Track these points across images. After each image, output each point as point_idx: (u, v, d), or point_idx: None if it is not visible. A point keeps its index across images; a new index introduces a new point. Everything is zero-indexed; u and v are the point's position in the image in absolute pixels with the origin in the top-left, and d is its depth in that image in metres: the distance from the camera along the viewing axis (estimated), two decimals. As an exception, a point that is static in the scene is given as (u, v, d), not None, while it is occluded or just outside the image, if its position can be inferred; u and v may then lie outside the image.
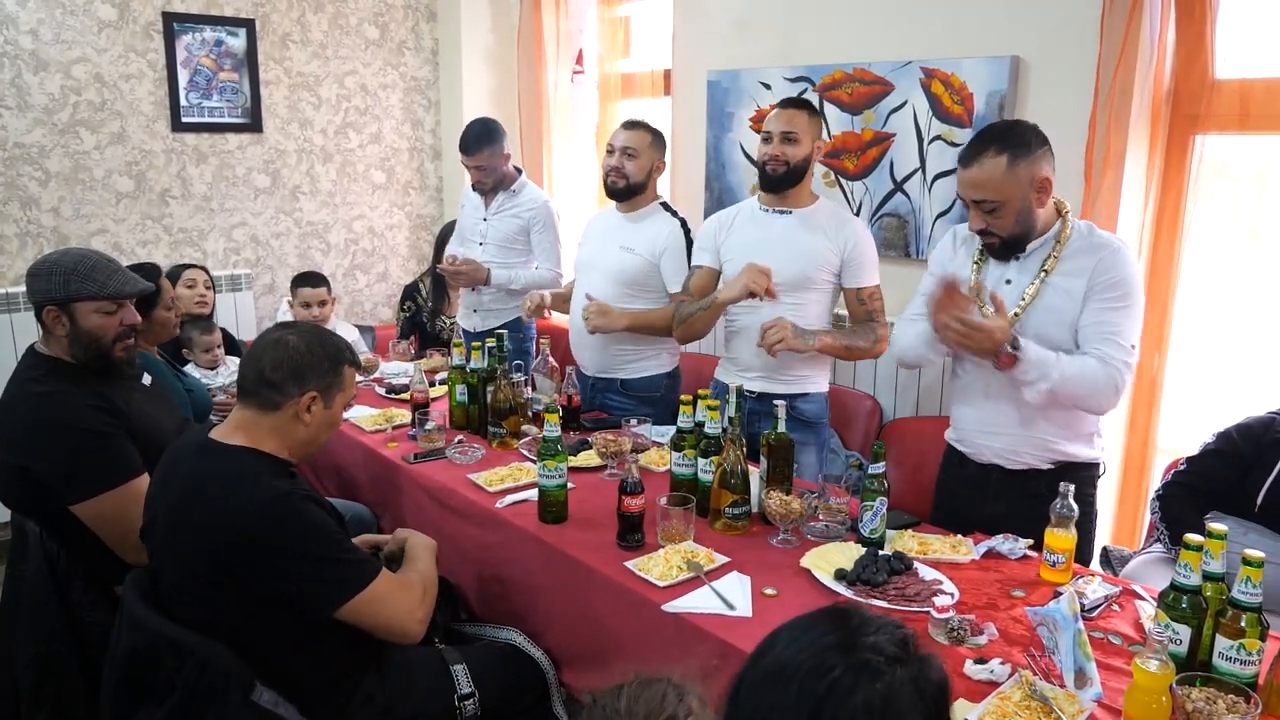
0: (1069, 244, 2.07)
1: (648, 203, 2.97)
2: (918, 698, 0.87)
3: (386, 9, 4.66)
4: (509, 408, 2.68)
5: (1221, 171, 2.65)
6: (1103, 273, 2.02)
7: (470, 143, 3.42)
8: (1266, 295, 2.63)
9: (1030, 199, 2.02)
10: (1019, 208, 2.02)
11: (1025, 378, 2.01)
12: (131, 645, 1.70)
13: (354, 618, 1.73)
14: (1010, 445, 2.17)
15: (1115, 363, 1.99)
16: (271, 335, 1.82)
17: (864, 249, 2.59)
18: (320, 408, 1.80)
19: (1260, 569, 1.43)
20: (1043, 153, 2.02)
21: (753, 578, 1.87)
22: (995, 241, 2.09)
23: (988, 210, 2.03)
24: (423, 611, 1.83)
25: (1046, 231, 2.09)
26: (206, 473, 1.71)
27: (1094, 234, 2.09)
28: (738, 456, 2.08)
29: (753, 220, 2.66)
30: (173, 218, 4.21)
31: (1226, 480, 2.20)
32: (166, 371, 2.81)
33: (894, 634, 0.92)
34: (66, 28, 3.83)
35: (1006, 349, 1.98)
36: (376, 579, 1.74)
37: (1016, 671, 1.53)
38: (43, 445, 2.06)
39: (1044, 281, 2.07)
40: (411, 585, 1.84)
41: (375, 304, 4.93)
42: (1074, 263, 2.05)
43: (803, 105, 2.58)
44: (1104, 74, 2.61)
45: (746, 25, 3.64)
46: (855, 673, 0.87)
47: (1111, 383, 2.00)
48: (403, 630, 1.79)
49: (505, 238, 3.51)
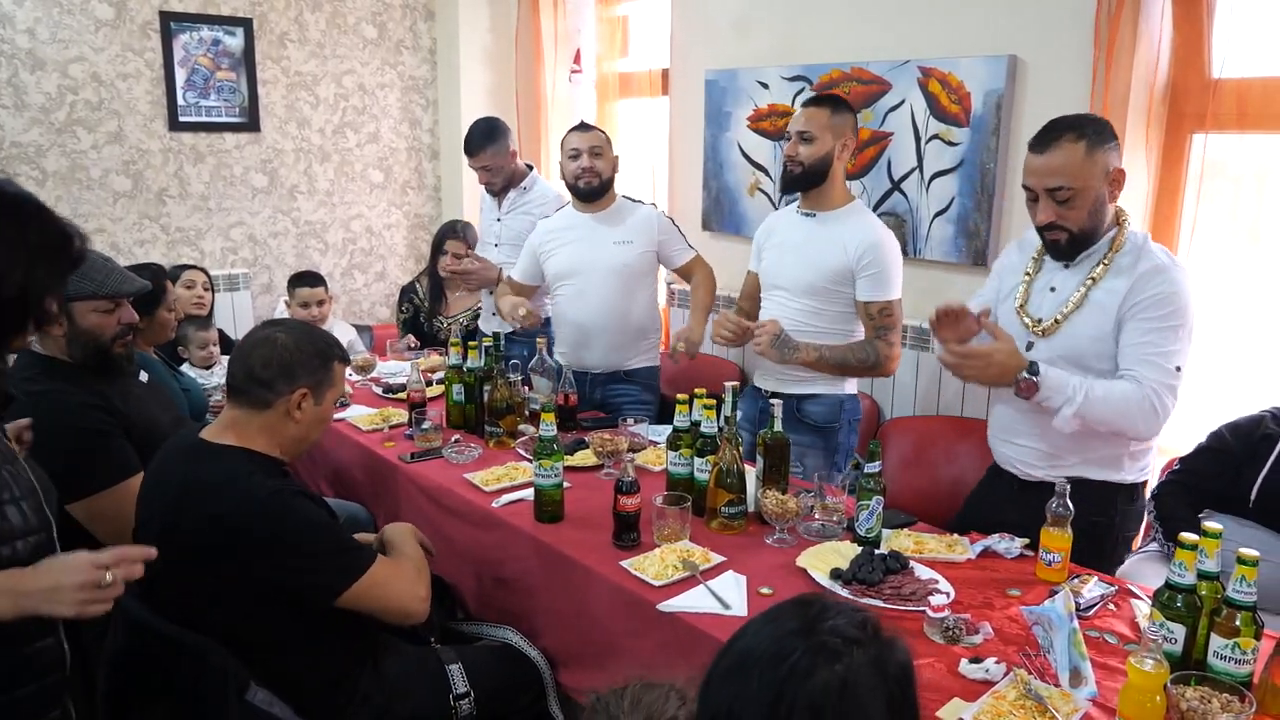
0: (1120, 254, 1.98)
1: (613, 200, 3.03)
2: (879, 678, 0.87)
3: (384, 8, 4.66)
4: (506, 407, 2.67)
5: (1221, 171, 2.65)
6: (1145, 290, 1.91)
7: (472, 144, 3.41)
8: (1266, 295, 2.63)
9: (1104, 191, 1.93)
10: (1094, 198, 1.92)
11: (1049, 404, 1.93)
12: (127, 645, 1.70)
13: (357, 603, 1.74)
14: (1020, 455, 2.13)
15: (1152, 384, 1.89)
16: (260, 333, 1.82)
17: (879, 261, 2.48)
18: (311, 404, 1.80)
19: (1255, 568, 1.43)
20: (1116, 144, 1.95)
21: (748, 577, 1.87)
22: (1063, 237, 1.97)
23: (1062, 200, 1.92)
24: (423, 589, 1.85)
25: (1103, 237, 1.99)
26: (198, 474, 1.71)
27: (1146, 247, 1.99)
28: (734, 456, 2.08)
29: (789, 222, 2.66)
30: (170, 217, 4.21)
31: (1220, 478, 2.19)
32: (163, 371, 2.81)
33: (853, 617, 0.91)
34: (63, 27, 3.83)
35: (1024, 375, 1.92)
36: (375, 564, 1.76)
37: (1011, 671, 1.53)
38: (39, 444, 2.05)
39: (1089, 290, 1.98)
40: (405, 567, 1.87)
41: (373, 303, 4.93)
42: (1117, 276, 1.96)
43: (825, 102, 2.52)
44: (1101, 73, 2.61)
45: (744, 25, 3.64)
46: (813, 655, 0.87)
47: (1147, 406, 1.89)
48: (406, 610, 1.81)
49: (519, 236, 3.45)
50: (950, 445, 3.02)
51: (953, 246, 3.09)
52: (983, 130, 2.94)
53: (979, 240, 3.01)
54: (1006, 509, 2.14)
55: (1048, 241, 2.03)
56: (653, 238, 2.99)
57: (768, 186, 3.62)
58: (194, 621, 1.66)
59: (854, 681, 0.86)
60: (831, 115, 2.48)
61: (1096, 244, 2.00)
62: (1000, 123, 2.90)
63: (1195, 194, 2.60)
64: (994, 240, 2.99)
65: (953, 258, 3.09)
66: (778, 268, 2.63)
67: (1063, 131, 1.93)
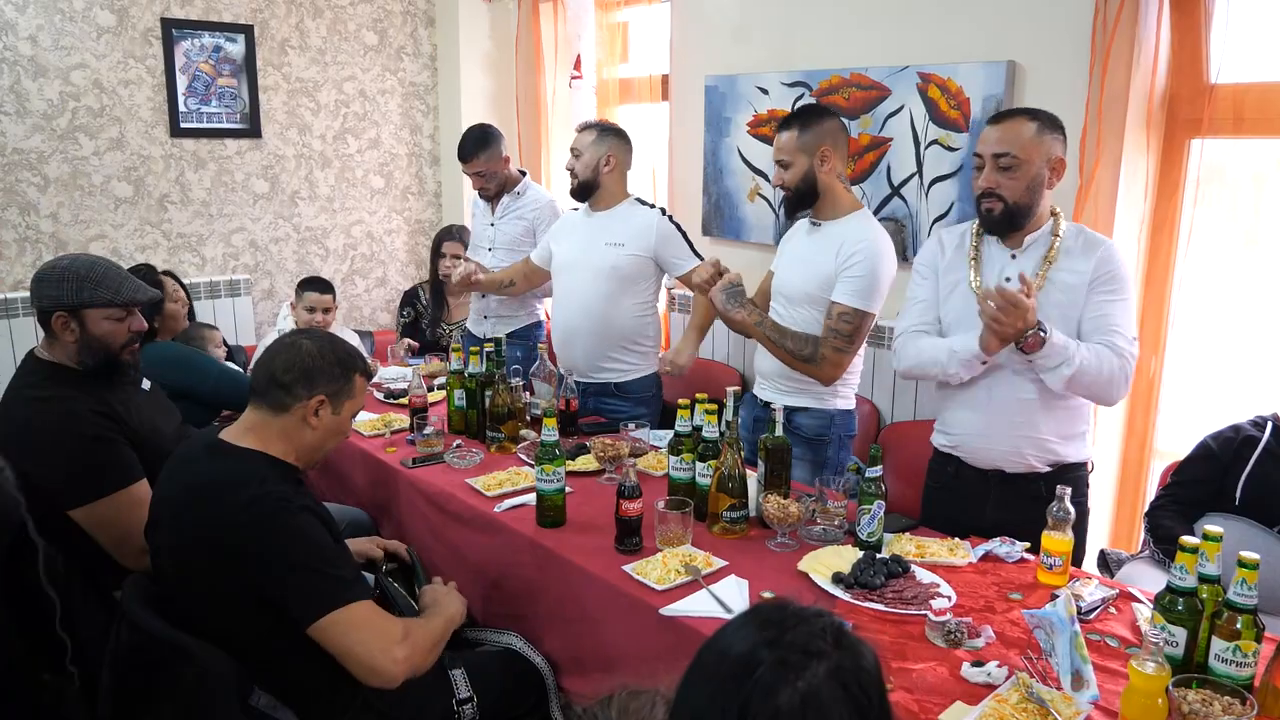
0: (1063, 241, 2.12)
1: (618, 200, 3.01)
2: (840, 690, 0.85)
3: (385, 15, 4.67)
4: (507, 412, 2.68)
5: (1219, 175, 2.66)
6: (1103, 268, 2.07)
7: (465, 150, 3.44)
8: (1264, 298, 2.64)
9: (1044, 173, 2.07)
10: (1033, 175, 2.06)
11: (1049, 362, 2.02)
12: (130, 649, 1.70)
13: (322, 638, 1.66)
14: (1014, 447, 2.16)
15: (1124, 353, 2.04)
16: (286, 339, 1.85)
17: (863, 266, 2.39)
18: (328, 413, 1.81)
19: (1255, 571, 1.43)
20: (1064, 139, 2.10)
21: (750, 581, 1.88)
22: (998, 207, 2.09)
23: (1004, 166, 2.06)
24: (403, 653, 1.69)
25: (1041, 226, 2.13)
26: (213, 472, 1.73)
27: (1085, 233, 2.14)
28: (735, 460, 2.08)
29: (800, 231, 2.67)
30: (171, 223, 4.22)
31: (1210, 483, 2.29)
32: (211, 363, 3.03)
33: (814, 624, 0.90)
34: (65, 34, 3.84)
35: (1036, 331, 1.99)
36: (356, 602, 1.68)
37: (1013, 674, 1.53)
38: (43, 450, 2.06)
39: (1049, 270, 2.10)
40: (406, 625, 1.76)
41: (374, 309, 4.94)
42: (1074, 259, 2.10)
43: (793, 122, 2.47)
44: (1099, 78, 2.62)
45: (744, 31, 3.65)
46: (776, 669, 0.86)
47: (1123, 372, 2.05)
48: (372, 665, 1.66)
49: (512, 241, 3.51)
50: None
51: (952, 251, 3.09)
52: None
53: (978, 245, 3.02)
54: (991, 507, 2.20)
55: (982, 212, 2.14)
56: (648, 243, 2.93)
57: (768, 192, 3.63)
58: (197, 624, 1.67)
59: (814, 696, 0.85)
60: (799, 135, 2.44)
61: (1040, 231, 2.12)
62: (999, 128, 2.91)
63: (1193, 198, 2.61)
64: (993, 245, 3.00)
65: (952, 262, 3.10)
66: (784, 276, 2.64)
67: (1019, 112, 2.12)
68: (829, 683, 0.86)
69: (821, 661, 0.86)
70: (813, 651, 0.87)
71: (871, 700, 0.88)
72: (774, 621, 0.91)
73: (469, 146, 3.43)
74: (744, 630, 0.92)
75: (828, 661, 0.86)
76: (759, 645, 0.88)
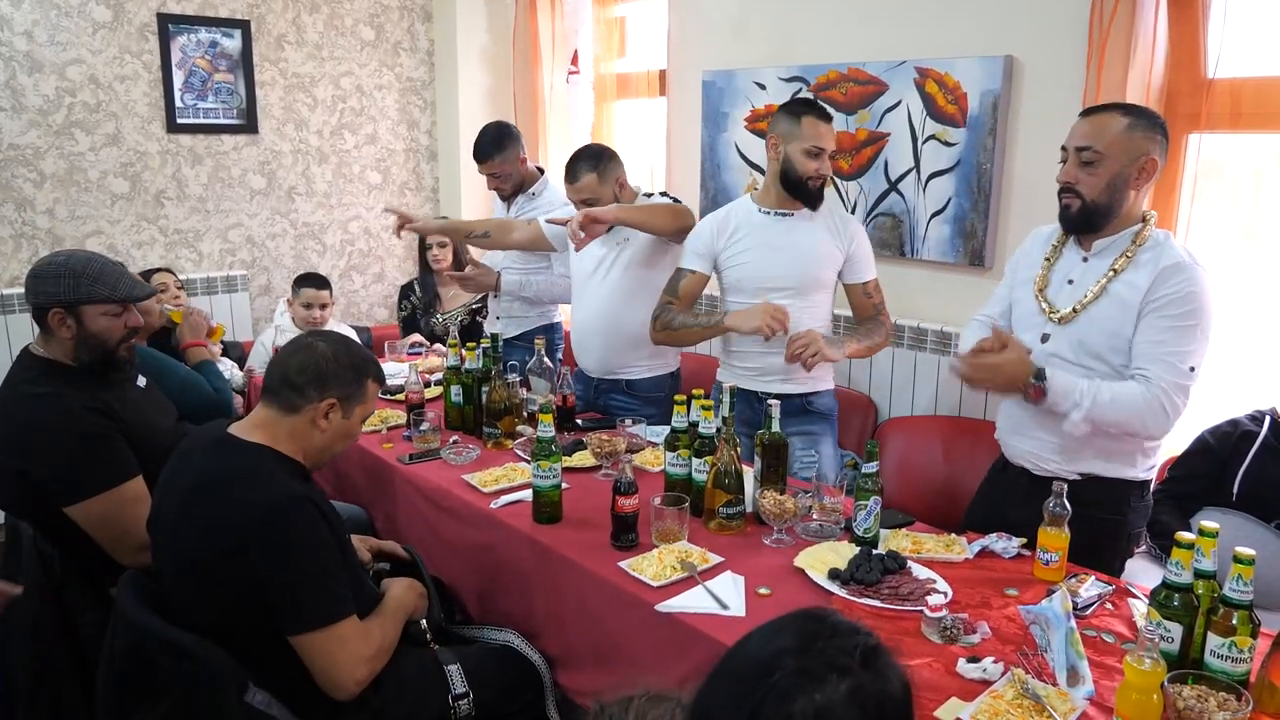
0: (1142, 248, 1.97)
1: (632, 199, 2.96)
2: (856, 711, 0.83)
3: (382, 10, 4.66)
4: (504, 408, 2.68)
5: (1217, 170, 2.66)
6: (1164, 287, 1.90)
7: (481, 151, 3.39)
8: (1262, 293, 2.63)
9: (1129, 172, 1.93)
10: (1116, 172, 1.92)
11: (1057, 409, 1.94)
12: (126, 646, 1.70)
13: (297, 645, 1.67)
14: (1036, 449, 2.10)
15: (1163, 384, 1.88)
16: (303, 340, 1.85)
17: (865, 244, 2.65)
18: (338, 416, 1.81)
19: (1251, 566, 1.43)
20: (1162, 141, 1.95)
21: (746, 577, 1.88)
22: (1075, 203, 1.97)
23: (1085, 161, 1.93)
24: (365, 671, 1.73)
25: (1123, 229, 1.99)
26: (222, 465, 1.73)
27: (1167, 244, 1.97)
28: (732, 456, 2.08)
29: (756, 223, 2.61)
30: (168, 219, 4.21)
31: (1207, 477, 2.29)
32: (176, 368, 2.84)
33: (849, 641, 0.87)
34: (61, 29, 3.83)
35: (1031, 382, 1.93)
36: (343, 620, 1.69)
37: (1009, 670, 1.53)
38: (38, 447, 2.06)
39: (1108, 282, 1.97)
40: (371, 637, 1.77)
41: (371, 305, 4.93)
42: (1138, 272, 1.95)
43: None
44: (1096, 73, 2.61)
45: (741, 26, 3.65)
46: (796, 677, 0.84)
47: (1156, 406, 1.88)
48: (338, 683, 1.70)
49: None
50: (948, 445, 3.03)
51: (949, 247, 3.09)
52: (979, 130, 2.95)
53: (976, 240, 3.02)
54: (1016, 506, 2.12)
55: (1060, 208, 2.03)
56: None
57: (765, 187, 3.62)
58: (194, 619, 1.66)
59: (828, 712, 0.83)
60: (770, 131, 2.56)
61: (1118, 235, 1.99)
62: (997, 123, 2.90)
63: (1191, 193, 2.61)
64: (991, 240, 3.00)
65: (949, 258, 3.10)
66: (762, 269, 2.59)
67: (1113, 107, 2.00)
68: (847, 701, 0.83)
69: (844, 679, 0.84)
70: (837, 666, 0.85)
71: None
72: (808, 631, 0.89)
73: (485, 147, 3.37)
74: (776, 635, 0.90)
75: (850, 680, 0.84)
76: (785, 651, 0.87)
